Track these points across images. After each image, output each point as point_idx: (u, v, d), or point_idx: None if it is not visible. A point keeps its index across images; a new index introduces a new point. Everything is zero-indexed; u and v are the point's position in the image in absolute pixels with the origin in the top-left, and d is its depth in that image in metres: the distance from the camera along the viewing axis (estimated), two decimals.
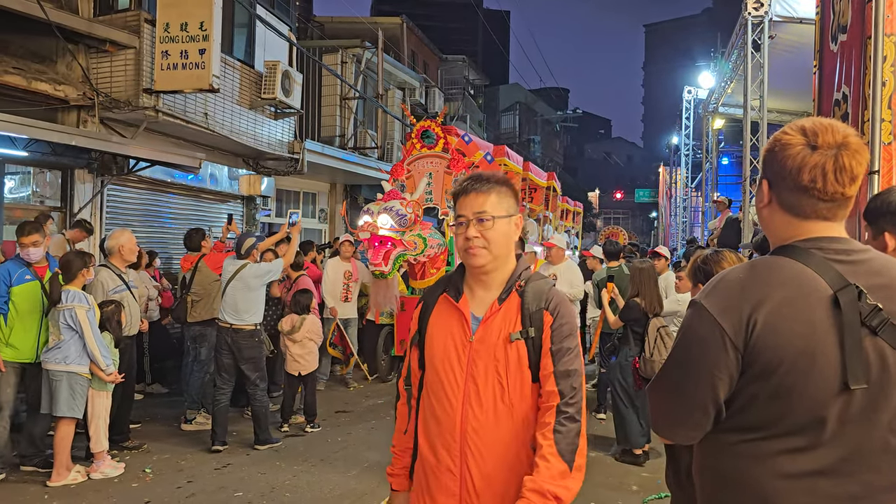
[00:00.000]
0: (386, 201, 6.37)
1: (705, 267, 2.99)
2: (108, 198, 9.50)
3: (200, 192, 11.42)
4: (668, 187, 30.13)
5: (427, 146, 8.21)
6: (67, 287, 5.50)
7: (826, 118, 1.55)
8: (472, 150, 8.98)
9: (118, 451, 6.13)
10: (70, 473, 5.45)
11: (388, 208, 6.19)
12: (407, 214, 6.26)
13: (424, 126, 8.25)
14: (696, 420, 1.54)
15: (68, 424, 5.45)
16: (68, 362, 5.40)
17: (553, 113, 55.18)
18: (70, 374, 5.42)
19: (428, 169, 8.12)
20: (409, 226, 6.25)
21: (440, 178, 8.11)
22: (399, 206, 6.24)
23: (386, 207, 6.21)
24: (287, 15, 12.41)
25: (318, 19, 21.25)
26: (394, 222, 6.16)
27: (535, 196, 13.50)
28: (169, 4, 8.62)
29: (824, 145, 1.47)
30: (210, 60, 8.54)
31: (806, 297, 1.43)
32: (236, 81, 10.85)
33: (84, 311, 5.44)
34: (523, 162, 11.97)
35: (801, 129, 1.51)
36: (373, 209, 6.30)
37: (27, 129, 7.15)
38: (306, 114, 14.27)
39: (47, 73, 8.62)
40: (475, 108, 34.96)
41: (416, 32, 26.09)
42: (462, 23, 46.38)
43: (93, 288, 6.09)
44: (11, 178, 8.73)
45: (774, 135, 1.58)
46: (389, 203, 6.27)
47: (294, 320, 6.97)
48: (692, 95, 22.51)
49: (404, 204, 6.35)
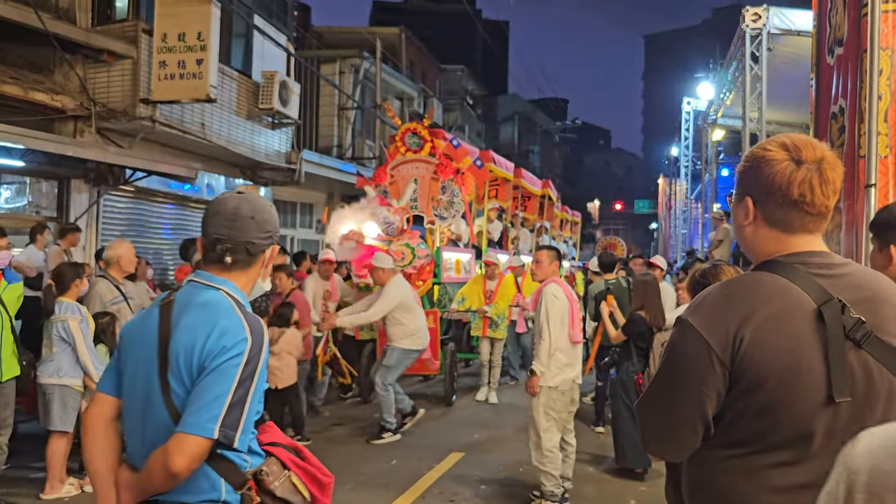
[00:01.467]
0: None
1: (703, 281, 2.97)
2: (104, 208, 9.49)
3: (197, 202, 11.41)
4: (668, 198, 30.14)
5: (412, 150, 7.88)
6: (61, 299, 5.45)
7: (799, 134, 1.59)
8: (461, 154, 8.52)
9: None
10: (63, 486, 5.39)
11: (374, 215, 5.99)
12: (395, 223, 6.03)
13: (410, 128, 7.90)
14: (684, 437, 1.54)
15: (60, 438, 5.37)
16: (61, 375, 5.33)
17: (552, 123, 55.26)
18: (63, 388, 5.34)
19: (413, 174, 7.76)
20: (396, 235, 6.02)
21: (426, 184, 7.76)
22: (387, 214, 6.03)
23: (372, 214, 6.02)
24: (285, 25, 12.42)
25: (316, 29, 21.32)
26: (381, 230, 5.93)
27: (528, 204, 13.16)
28: (167, 15, 8.64)
29: (807, 160, 1.49)
30: (207, 70, 8.55)
31: (791, 312, 1.44)
32: (234, 91, 10.85)
33: (77, 323, 5.38)
34: (514, 168, 11.63)
35: (782, 144, 1.53)
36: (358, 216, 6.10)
37: (24, 139, 7.14)
38: (304, 124, 14.28)
39: (45, 83, 8.62)
40: (474, 119, 35.02)
41: (414, 42, 26.14)
42: (461, 33, 46.49)
43: (90, 299, 6.03)
44: (7, 187, 8.72)
45: (752, 152, 1.60)
46: (376, 210, 6.07)
47: (273, 333, 6.75)
48: (691, 107, 22.55)
49: (392, 211, 6.14)
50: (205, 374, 1.76)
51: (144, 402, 1.85)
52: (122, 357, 1.97)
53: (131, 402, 1.91)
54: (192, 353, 1.79)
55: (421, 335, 7.10)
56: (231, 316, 1.85)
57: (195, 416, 1.72)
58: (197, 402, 1.74)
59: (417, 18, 43.39)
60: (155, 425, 1.81)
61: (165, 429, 1.77)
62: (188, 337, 1.80)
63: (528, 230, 13.27)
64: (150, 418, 1.83)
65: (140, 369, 1.87)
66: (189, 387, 1.78)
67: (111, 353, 5.79)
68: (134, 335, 1.94)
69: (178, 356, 1.80)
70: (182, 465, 1.70)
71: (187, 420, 1.72)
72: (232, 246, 1.90)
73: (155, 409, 1.82)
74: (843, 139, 4.95)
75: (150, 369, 1.83)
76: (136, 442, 1.89)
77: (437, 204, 8.20)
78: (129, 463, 1.89)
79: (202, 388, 1.74)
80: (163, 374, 1.81)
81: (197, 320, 1.82)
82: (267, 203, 2.07)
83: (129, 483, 1.84)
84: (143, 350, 1.87)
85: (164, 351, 1.82)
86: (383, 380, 6.96)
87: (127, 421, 1.94)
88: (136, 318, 2.04)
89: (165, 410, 1.79)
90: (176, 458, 1.69)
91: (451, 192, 8.14)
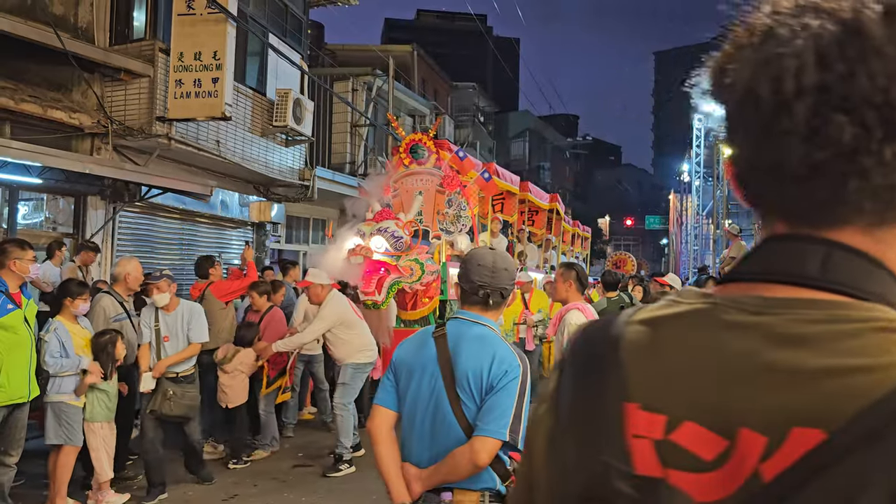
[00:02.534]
0: (378, 221, 5.82)
1: None
2: (119, 224, 9.56)
3: (211, 218, 11.49)
4: (679, 215, 30.08)
5: (417, 161, 7.55)
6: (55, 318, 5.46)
7: None
8: (467, 167, 8.24)
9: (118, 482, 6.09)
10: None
11: (382, 230, 5.65)
12: (403, 237, 5.71)
13: (414, 140, 7.60)
14: None
15: (57, 454, 5.29)
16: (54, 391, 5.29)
17: (563, 139, 55.37)
18: (55, 404, 5.29)
19: (418, 187, 7.39)
20: (404, 249, 5.70)
21: (431, 197, 7.42)
22: (394, 228, 5.74)
23: (380, 228, 5.67)
24: (299, 44, 12.55)
25: (329, 47, 21.49)
26: (388, 245, 5.57)
27: (535, 219, 12.86)
28: (183, 34, 8.74)
29: None
30: (223, 89, 8.63)
31: None
32: (248, 109, 10.95)
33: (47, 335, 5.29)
34: (520, 182, 11.33)
35: None
36: (364, 230, 5.76)
37: (42, 157, 7.22)
38: (317, 141, 14.37)
39: (63, 101, 8.73)
40: (485, 136, 35.12)
41: (426, 60, 26.31)
42: (472, 50, 46.70)
43: (94, 314, 6.02)
44: (25, 204, 8.81)
45: None
46: (384, 224, 5.72)
47: (228, 350, 6.67)
48: (702, 123, 22.56)
49: (400, 225, 5.85)
50: (493, 392, 2.24)
51: (433, 412, 2.33)
52: (398, 378, 2.45)
53: (416, 413, 2.38)
54: (480, 377, 2.27)
55: (370, 349, 6.76)
56: (503, 347, 2.36)
57: (493, 424, 2.20)
58: (491, 413, 2.21)
59: (429, 35, 43.64)
60: (445, 430, 2.29)
61: (455, 433, 2.26)
62: (474, 363, 2.29)
63: (535, 245, 13.09)
64: (440, 425, 2.31)
65: (424, 387, 2.36)
66: (478, 402, 2.26)
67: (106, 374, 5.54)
68: (411, 360, 2.44)
69: (467, 378, 2.28)
70: (485, 460, 2.19)
71: (488, 427, 2.20)
72: (492, 291, 2.40)
73: (445, 418, 2.29)
74: None
75: (437, 387, 2.32)
76: (421, 444, 2.36)
77: (442, 218, 7.81)
78: (412, 461, 2.36)
79: (494, 403, 2.23)
80: (451, 391, 2.29)
81: (477, 350, 2.32)
82: (509, 257, 2.63)
83: (418, 475, 2.32)
84: (425, 373, 2.37)
85: (449, 373, 2.31)
86: (341, 399, 6.65)
87: (409, 428, 2.40)
88: (409, 346, 2.50)
89: (454, 419, 2.27)
90: (481, 454, 2.18)
91: (457, 206, 7.76)
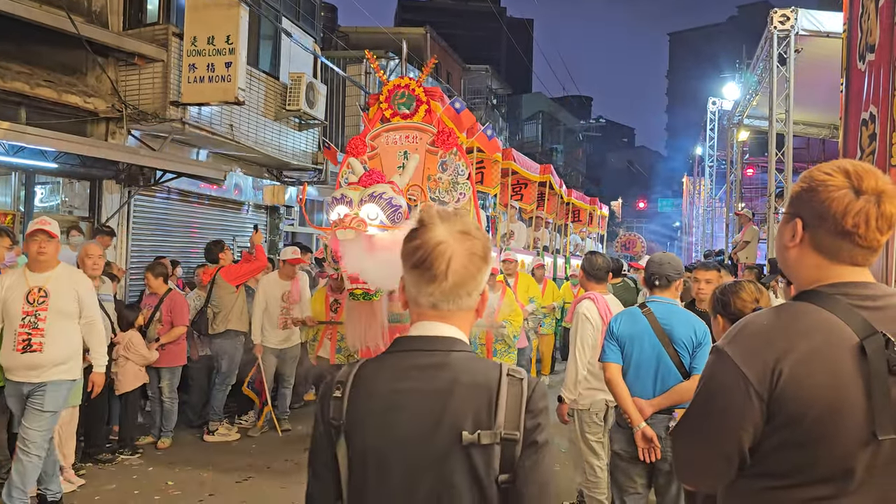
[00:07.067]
0: (366, 186, 4.58)
1: (724, 298, 3.01)
2: (134, 207, 9.65)
3: (225, 202, 11.55)
4: (692, 198, 29.91)
5: (402, 114, 5.77)
6: None
7: (862, 162, 1.51)
8: (466, 121, 6.10)
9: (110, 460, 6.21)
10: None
11: (375, 195, 4.43)
12: (401, 206, 4.41)
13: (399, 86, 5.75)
14: (719, 469, 1.51)
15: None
16: None
17: (576, 122, 55.03)
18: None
19: (402, 145, 5.73)
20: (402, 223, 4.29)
21: (421, 158, 5.63)
22: (391, 193, 4.49)
23: (372, 194, 4.45)
24: (312, 27, 12.53)
25: (342, 30, 21.44)
26: (384, 216, 4.29)
27: (524, 192, 11.29)
28: (197, 19, 8.76)
29: (868, 190, 1.44)
30: (236, 73, 8.66)
31: (832, 346, 1.40)
32: (261, 93, 10.97)
33: None
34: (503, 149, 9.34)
35: (844, 171, 1.47)
36: (351, 196, 4.52)
37: (59, 142, 7.28)
38: (330, 124, 14.37)
39: (77, 86, 8.78)
40: (498, 118, 34.99)
41: (439, 42, 26.19)
42: (485, 32, 46.44)
43: None
44: (41, 187, 8.89)
45: (810, 173, 1.52)
46: (377, 188, 4.49)
47: (122, 337, 6.34)
48: (717, 106, 22.36)
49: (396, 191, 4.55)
50: (700, 347, 3.53)
51: (656, 364, 3.56)
52: (621, 342, 3.64)
53: (642, 365, 3.58)
54: (691, 339, 3.56)
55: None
56: (694, 318, 3.68)
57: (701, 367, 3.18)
58: (698, 359, 3.51)
59: (442, 17, 43.42)
60: (666, 374, 3.55)
61: (674, 375, 3.54)
62: (685, 330, 3.58)
63: (524, 223, 11.49)
64: (664, 372, 3.55)
65: (646, 348, 3.58)
66: (689, 355, 3.54)
67: None
68: (631, 330, 3.64)
69: (682, 340, 3.56)
70: None
71: (700, 366, 3.31)
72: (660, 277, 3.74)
73: (668, 366, 3.55)
74: (873, 147, 4.90)
75: (656, 347, 3.56)
76: (647, 385, 3.57)
77: (434, 185, 5.79)
78: (641, 396, 3.55)
79: (701, 354, 3.50)
80: (669, 348, 3.54)
81: (685, 320, 3.62)
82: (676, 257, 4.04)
83: (649, 403, 3.53)
84: (644, 337, 3.59)
85: (666, 338, 3.56)
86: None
87: (636, 375, 3.59)
88: (625, 321, 3.69)
89: (674, 367, 3.53)
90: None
91: (453, 170, 5.75)
